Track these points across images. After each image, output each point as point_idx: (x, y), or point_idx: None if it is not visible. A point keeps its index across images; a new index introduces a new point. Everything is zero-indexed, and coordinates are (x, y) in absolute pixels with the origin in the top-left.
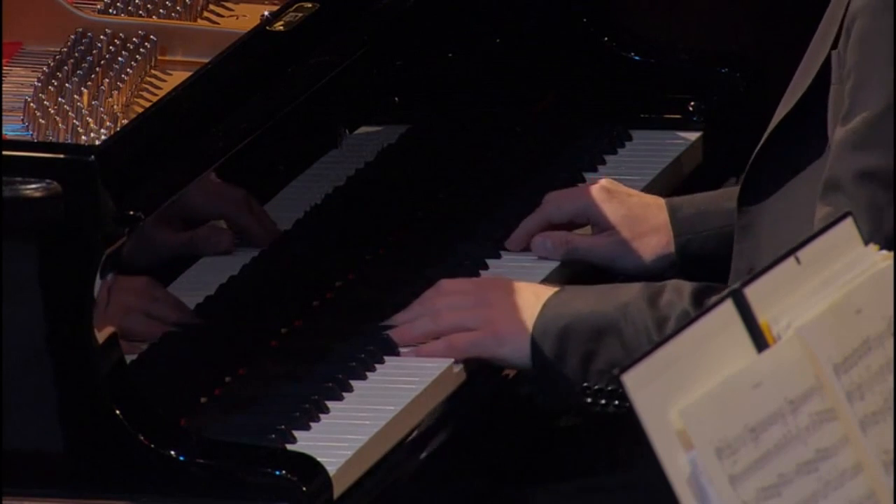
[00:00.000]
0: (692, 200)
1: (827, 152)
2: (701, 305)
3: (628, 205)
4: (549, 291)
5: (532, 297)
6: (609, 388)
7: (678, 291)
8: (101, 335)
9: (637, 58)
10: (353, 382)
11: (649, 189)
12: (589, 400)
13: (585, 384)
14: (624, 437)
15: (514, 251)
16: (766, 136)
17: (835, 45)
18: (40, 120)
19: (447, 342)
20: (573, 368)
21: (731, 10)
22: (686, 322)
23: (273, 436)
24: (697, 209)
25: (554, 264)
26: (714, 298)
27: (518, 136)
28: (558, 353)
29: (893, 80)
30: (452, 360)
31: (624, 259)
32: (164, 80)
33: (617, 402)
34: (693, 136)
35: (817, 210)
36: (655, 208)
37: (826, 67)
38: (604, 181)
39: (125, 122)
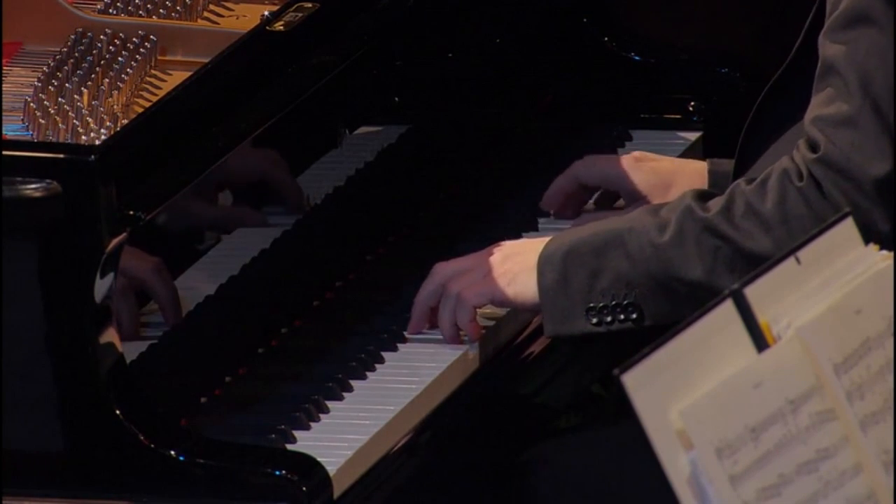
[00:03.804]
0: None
1: None
2: (704, 201)
3: (657, 172)
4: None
5: (535, 242)
6: (613, 302)
7: (680, 197)
8: (102, 335)
9: (637, 58)
10: (353, 382)
11: None
12: (594, 321)
13: (591, 304)
14: (624, 437)
15: (548, 209)
16: (762, 95)
17: None
18: (40, 120)
19: (458, 299)
20: (578, 290)
21: (731, 10)
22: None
23: (273, 436)
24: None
25: None
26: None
27: (518, 136)
28: (563, 275)
29: None
30: (452, 360)
31: None
32: (164, 80)
33: (622, 317)
34: (693, 136)
35: (814, 98)
36: (683, 173)
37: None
38: (635, 153)
39: (125, 122)
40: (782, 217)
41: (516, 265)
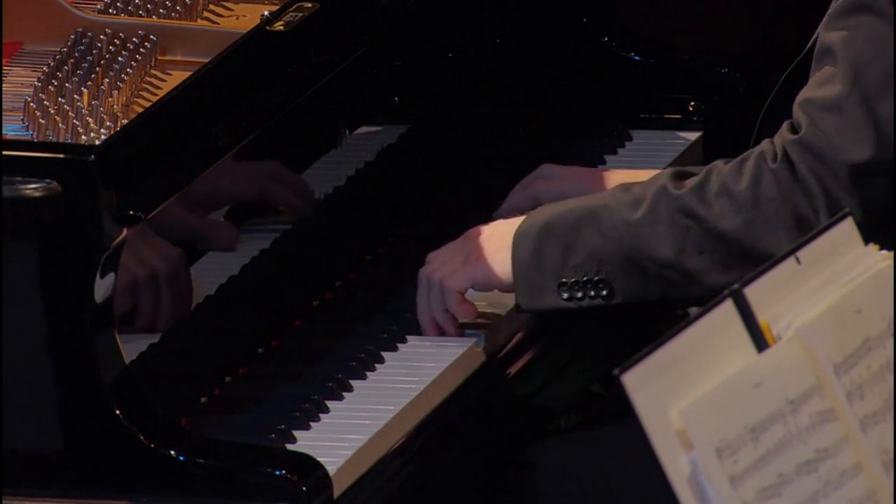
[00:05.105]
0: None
1: None
2: (680, 180)
3: (614, 184)
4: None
5: (511, 222)
6: (584, 278)
7: (657, 175)
8: (102, 335)
9: (637, 58)
10: (353, 382)
11: None
12: (566, 296)
13: (563, 280)
14: (624, 437)
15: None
16: (776, 87)
17: None
18: (40, 120)
19: (441, 288)
20: (550, 265)
21: (731, 10)
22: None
23: (273, 436)
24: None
25: None
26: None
27: (518, 136)
28: (536, 251)
29: None
30: (452, 360)
31: None
32: (164, 80)
33: (593, 293)
34: (693, 136)
35: (811, 78)
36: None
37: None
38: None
39: (125, 122)
40: (754, 199)
41: (493, 245)
